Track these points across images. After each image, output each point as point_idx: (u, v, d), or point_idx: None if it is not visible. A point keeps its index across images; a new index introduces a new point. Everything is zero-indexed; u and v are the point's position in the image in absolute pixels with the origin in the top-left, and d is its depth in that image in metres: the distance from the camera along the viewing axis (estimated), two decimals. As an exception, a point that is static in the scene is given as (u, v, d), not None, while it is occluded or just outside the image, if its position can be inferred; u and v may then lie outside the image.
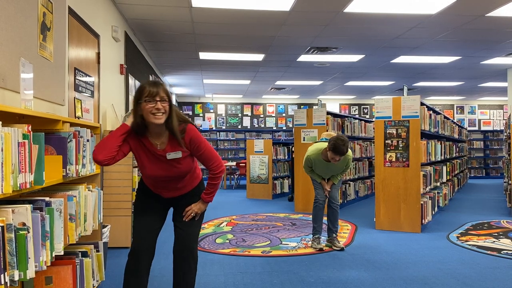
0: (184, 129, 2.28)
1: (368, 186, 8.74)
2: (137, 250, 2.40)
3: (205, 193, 2.45)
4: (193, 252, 2.45)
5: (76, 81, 3.75)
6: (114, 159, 2.22)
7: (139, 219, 2.46)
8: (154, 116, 2.16)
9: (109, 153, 2.18)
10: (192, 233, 2.47)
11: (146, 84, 2.19)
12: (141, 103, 2.17)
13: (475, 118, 15.53)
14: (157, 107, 2.15)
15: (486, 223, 5.90)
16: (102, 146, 2.20)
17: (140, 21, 5.92)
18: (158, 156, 2.29)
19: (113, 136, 2.22)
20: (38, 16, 2.83)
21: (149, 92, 2.15)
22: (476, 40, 6.90)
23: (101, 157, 2.18)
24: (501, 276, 3.55)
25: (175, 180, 2.39)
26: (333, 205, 4.54)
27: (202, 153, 2.33)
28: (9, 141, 1.68)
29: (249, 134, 14.45)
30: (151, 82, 2.21)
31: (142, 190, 2.53)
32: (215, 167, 2.37)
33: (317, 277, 3.53)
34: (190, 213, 2.44)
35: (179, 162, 2.32)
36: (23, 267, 1.77)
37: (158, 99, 2.15)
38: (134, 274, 2.39)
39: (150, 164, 2.32)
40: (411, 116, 5.32)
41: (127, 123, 2.25)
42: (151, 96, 2.15)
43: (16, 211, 1.81)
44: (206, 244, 4.72)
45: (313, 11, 5.43)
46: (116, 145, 2.21)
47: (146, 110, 2.16)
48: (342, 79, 10.73)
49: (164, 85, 2.23)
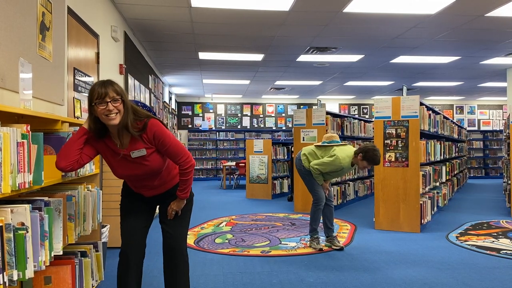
0: (146, 125, 2.20)
1: (367, 186, 8.75)
2: (126, 250, 2.39)
3: (179, 190, 2.39)
4: (180, 250, 2.43)
5: (75, 81, 3.75)
6: (78, 163, 2.15)
7: (126, 219, 2.45)
8: (107, 118, 2.10)
9: (71, 158, 2.12)
10: (178, 232, 2.45)
11: (96, 85, 2.10)
12: (94, 105, 2.10)
13: (475, 118, 15.54)
14: (108, 109, 2.08)
15: (485, 223, 5.90)
16: (63, 153, 2.13)
17: (140, 21, 5.92)
18: (123, 156, 2.24)
19: (72, 141, 2.16)
20: (37, 16, 2.83)
21: (98, 94, 2.07)
22: (476, 40, 6.90)
23: (62, 163, 2.10)
24: (500, 276, 3.55)
25: (149, 178, 2.35)
26: (330, 203, 4.59)
27: (167, 148, 2.24)
28: (8, 141, 1.68)
29: (248, 134, 14.45)
30: (101, 82, 2.12)
31: (125, 191, 2.51)
32: (183, 162, 2.27)
33: (316, 277, 3.53)
34: (171, 212, 2.42)
35: (146, 160, 2.25)
36: (22, 267, 1.77)
37: (108, 100, 2.07)
38: (125, 274, 2.39)
39: (118, 164, 2.28)
40: (411, 116, 5.32)
41: (84, 125, 2.19)
42: (100, 98, 2.07)
43: (15, 211, 1.80)
44: (206, 244, 4.72)
45: (313, 11, 5.43)
46: (77, 149, 2.14)
47: (99, 113, 2.10)
48: (342, 79, 10.73)
49: (115, 84, 2.15)
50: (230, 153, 14.35)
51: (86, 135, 2.19)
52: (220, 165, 13.69)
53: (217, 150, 14.29)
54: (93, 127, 2.17)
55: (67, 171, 2.15)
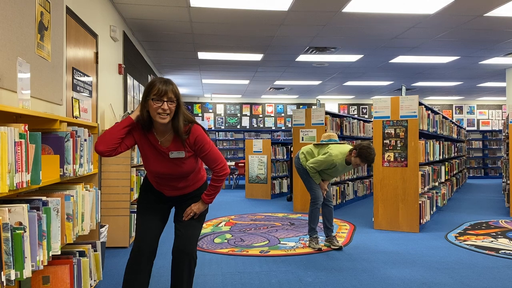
0: (189, 130, 2.26)
1: (366, 186, 8.75)
2: (139, 249, 2.37)
3: (206, 194, 2.43)
4: (192, 254, 2.42)
5: (74, 80, 3.75)
6: (115, 151, 2.21)
7: (142, 218, 2.45)
8: (159, 116, 2.15)
9: (111, 144, 2.18)
10: (192, 235, 2.45)
11: (157, 82, 2.16)
12: (149, 100, 2.15)
13: (474, 118, 15.55)
14: (163, 107, 2.14)
15: (484, 223, 5.91)
16: (104, 137, 2.19)
17: (139, 21, 5.92)
18: (161, 153, 2.29)
19: (116, 128, 2.21)
20: (35, 15, 2.83)
21: (158, 90, 2.13)
22: (475, 40, 6.91)
23: (101, 147, 2.17)
24: (499, 275, 3.55)
25: (177, 179, 2.38)
26: (329, 203, 4.59)
27: (206, 153, 2.31)
28: (5, 141, 1.68)
29: (248, 134, 14.45)
30: (162, 80, 2.18)
31: (145, 187, 2.51)
32: (220, 169, 2.35)
33: (315, 277, 3.53)
34: (189, 213, 2.43)
35: (182, 162, 2.30)
36: (19, 267, 1.77)
37: (165, 99, 2.14)
38: (135, 273, 2.37)
39: (153, 159, 2.31)
40: (409, 116, 5.33)
41: (132, 116, 2.24)
42: (159, 95, 2.13)
43: (12, 211, 1.80)
44: (205, 243, 4.72)
45: (312, 11, 5.43)
46: (119, 137, 2.20)
47: (153, 109, 2.15)
48: (341, 79, 10.74)
49: (174, 85, 2.21)
50: (230, 153, 14.35)
51: (131, 126, 2.24)
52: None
53: (217, 150, 14.26)
54: (142, 119, 2.22)
55: (104, 156, 2.21)
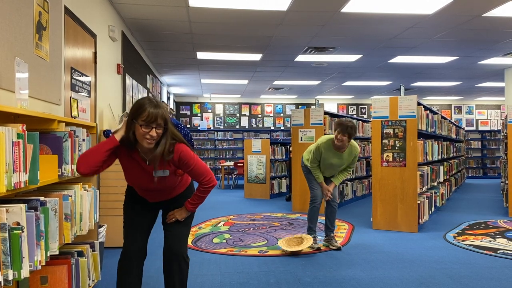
0: (173, 149, 2.21)
1: (365, 186, 8.75)
2: (128, 251, 2.38)
3: (190, 202, 2.40)
4: (181, 253, 2.41)
5: (72, 80, 3.74)
6: (97, 172, 2.17)
7: (129, 220, 2.44)
8: (146, 141, 2.10)
9: (93, 166, 2.11)
10: (180, 235, 2.44)
11: (147, 104, 2.08)
12: (136, 123, 2.09)
13: (473, 118, 15.56)
14: (151, 134, 2.08)
15: (483, 223, 5.91)
16: (87, 159, 2.12)
17: (137, 21, 5.91)
18: (145, 171, 2.25)
19: (99, 150, 2.13)
20: (33, 15, 2.82)
21: (147, 116, 2.06)
22: (473, 40, 6.91)
23: (83, 169, 2.10)
24: (497, 275, 3.56)
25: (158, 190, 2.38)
26: (333, 203, 4.55)
27: (191, 169, 2.27)
28: (3, 141, 1.68)
29: (247, 134, 14.45)
30: (152, 104, 2.10)
31: (129, 192, 2.51)
32: (206, 182, 2.30)
33: (314, 277, 3.53)
34: (171, 218, 2.41)
35: (166, 178, 2.29)
36: (17, 267, 1.77)
37: (154, 126, 2.08)
38: (127, 275, 2.38)
39: (136, 175, 2.29)
40: (408, 116, 5.33)
41: (117, 137, 2.16)
42: (148, 121, 2.06)
43: (10, 211, 1.80)
44: (203, 243, 4.72)
45: (310, 11, 5.43)
46: (101, 160, 2.13)
47: (139, 133, 2.09)
48: (340, 79, 10.74)
49: (164, 109, 2.14)
50: (229, 153, 14.35)
51: (114, 148, 2.17)
52: (218, 165, 13.68)
53: (216, 150, 14.28)
54: (126, 140, 2.16)
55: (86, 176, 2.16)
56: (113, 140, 2.16)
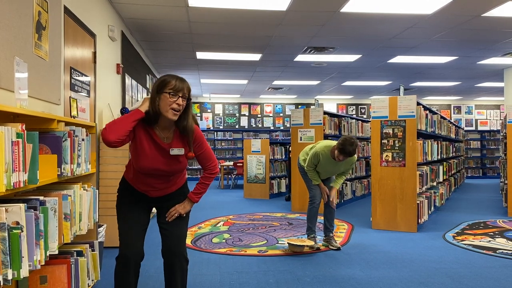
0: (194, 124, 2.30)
1: (365, 186, 8.76)
2: (126, 254, 2.34)
3: (193, 193, 2.40)
4: (183, 253, 2.40)
5: (72, 80, 3.74)
6: (122, 143, 2.16)
7: (125, 221, 2.39)
8: (172, 112, 2.14)
9: (120, 135, 2.11)
10: (180, 234, 2.42)
11: (173, 78, 2.16)
12: (162, 93, 2.14)
13: (472, 118, 15.57)
14: (178, 102, 2.13)
15: (482, 223, 5.92)
16: (115, 127, 2.11)
17: (137, 21, 5.91)
18: (161, 149, 2.25)
19: (126, 120, 2.15)
20: (33, 15, 2.82)
21: (174, 85, 2.13)
22: (473, 40, 6.92)
23: (112, 137, 2.09)
24: (497, 275, 3.56)
25: (166, 176, 2.34)
26: (332, 205, 4.56)
27: (203, 151, 2.33)
28: (3, 140, 1.68)
29: (246, 134, 14.45)
30: (177, 77, 2.18)
31: (124, 191, 2.44)
32: (213, 167, 2.38)
33: (313, 277, 3.53)
34: (174, 214, 2.38)
35: (178, 159, 2.29)
36: (16, 266, 1.77)
37: (180, 95, 2.14)
38: (125, 276, 2.35)
39: (151, 154, 2.25)
40: (408, 116, 5.33)
41: (142, 109, 2.18)
42: (175, 90, 2.13)
43: (9, 210, 1.80)
44: (203, 243, 4.72)
45: (310, 11, 5.43)
46: (128, 130, 2.14)
47: (166, 103, 2.13)
48: (339, 79, 10.74)
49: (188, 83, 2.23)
50: (228, 153, 14.35)
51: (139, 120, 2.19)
52: (218, 165, 13.67)
53: (215, 150, 14.28)
54: (150, 114, 2.18)
55: (112, 146, 2.13)
56: (139, 112, 2.18)
